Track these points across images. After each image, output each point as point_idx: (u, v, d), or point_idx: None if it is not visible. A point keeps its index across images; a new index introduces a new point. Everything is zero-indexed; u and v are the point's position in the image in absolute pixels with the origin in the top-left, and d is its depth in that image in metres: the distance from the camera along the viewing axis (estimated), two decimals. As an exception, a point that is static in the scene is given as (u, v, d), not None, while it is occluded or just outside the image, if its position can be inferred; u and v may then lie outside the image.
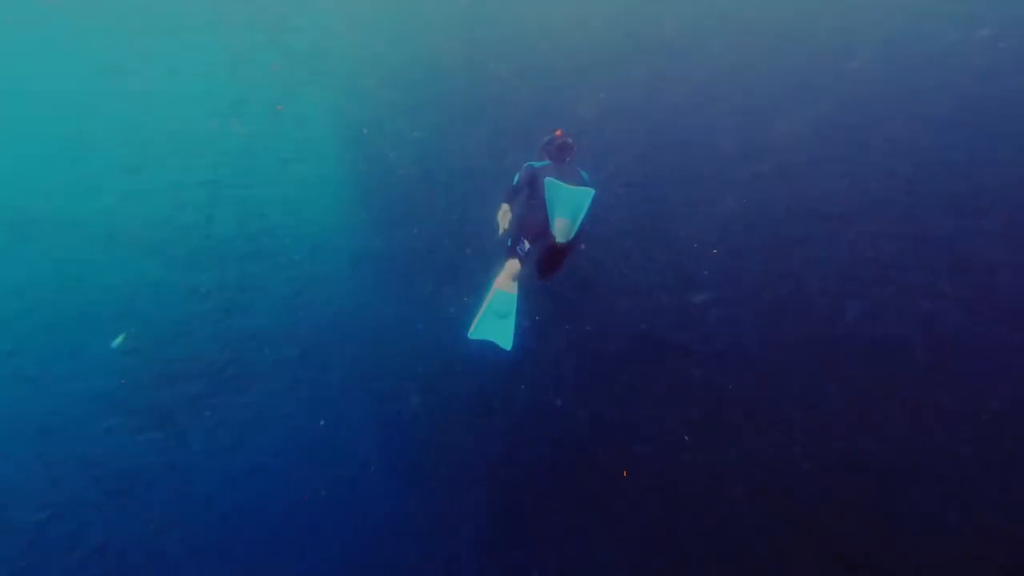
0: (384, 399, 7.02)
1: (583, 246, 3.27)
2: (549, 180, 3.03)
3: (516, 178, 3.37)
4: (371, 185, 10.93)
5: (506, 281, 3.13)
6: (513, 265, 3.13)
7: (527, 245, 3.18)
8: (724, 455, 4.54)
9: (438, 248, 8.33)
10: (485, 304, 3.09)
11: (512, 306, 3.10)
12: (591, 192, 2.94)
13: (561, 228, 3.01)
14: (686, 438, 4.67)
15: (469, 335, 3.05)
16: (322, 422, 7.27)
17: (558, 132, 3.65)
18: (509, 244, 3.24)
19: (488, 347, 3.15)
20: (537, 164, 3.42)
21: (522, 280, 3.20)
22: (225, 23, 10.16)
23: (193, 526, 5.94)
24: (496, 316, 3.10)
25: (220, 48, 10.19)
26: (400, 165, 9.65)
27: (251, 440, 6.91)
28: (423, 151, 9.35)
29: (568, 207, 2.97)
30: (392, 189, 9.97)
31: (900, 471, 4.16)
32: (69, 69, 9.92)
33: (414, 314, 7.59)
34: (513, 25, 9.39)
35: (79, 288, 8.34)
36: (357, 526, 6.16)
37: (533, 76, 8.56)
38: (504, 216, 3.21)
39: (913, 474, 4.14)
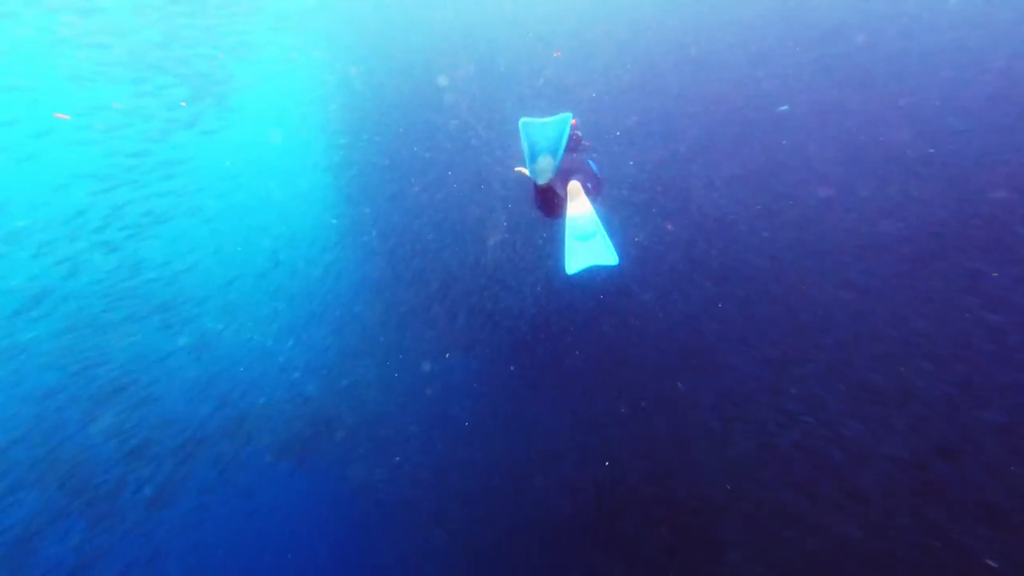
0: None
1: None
2: (523, 121, 2.81)
3: None
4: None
5: (575, 205, 2.94)
6: (574, 187, 2.94)
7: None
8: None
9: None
10: (566, 234, 2.91)
11: (593, 223, 2.88)
12: (567, 117, 2.79)
13: (542, 168, 2.90)
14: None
15: (567, 271, 2.86)
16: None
17: (572, 121, 3.48)
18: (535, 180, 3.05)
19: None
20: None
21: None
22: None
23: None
24: (582, 240, 2.89)
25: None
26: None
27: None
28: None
29: (546, 141, 2.83)
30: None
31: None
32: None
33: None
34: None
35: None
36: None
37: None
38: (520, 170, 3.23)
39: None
